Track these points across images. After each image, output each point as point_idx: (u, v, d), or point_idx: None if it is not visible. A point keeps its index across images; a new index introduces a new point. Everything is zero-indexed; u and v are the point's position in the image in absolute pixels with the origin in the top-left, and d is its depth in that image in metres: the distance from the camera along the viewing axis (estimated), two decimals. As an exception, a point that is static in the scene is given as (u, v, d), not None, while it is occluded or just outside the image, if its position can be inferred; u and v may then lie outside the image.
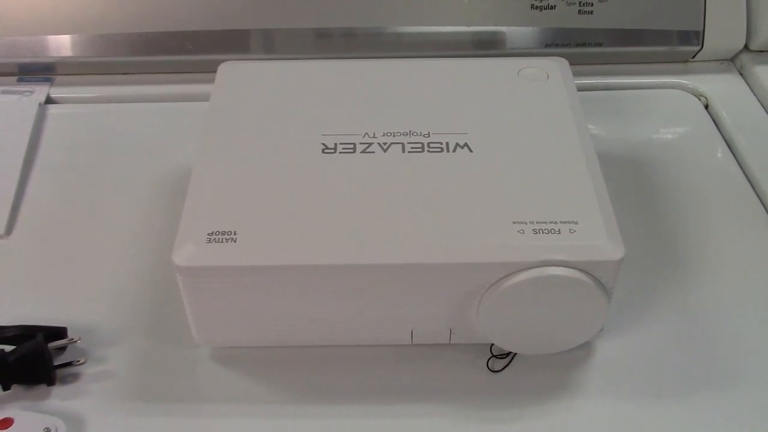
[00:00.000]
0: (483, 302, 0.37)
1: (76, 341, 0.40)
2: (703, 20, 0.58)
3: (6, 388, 0.39)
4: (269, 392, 0.40)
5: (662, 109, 0.57)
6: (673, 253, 0.46)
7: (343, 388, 0.40)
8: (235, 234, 0.36)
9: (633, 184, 0.51)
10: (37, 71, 0.58)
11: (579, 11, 0.56)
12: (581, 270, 0.36)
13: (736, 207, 0.49)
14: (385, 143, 0.41)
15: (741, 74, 0.60)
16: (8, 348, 0.39)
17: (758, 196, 0.50)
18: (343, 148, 0.41)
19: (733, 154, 0.53)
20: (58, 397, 0.39)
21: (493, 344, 0.40)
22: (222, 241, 0.36)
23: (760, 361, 0.41)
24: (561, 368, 0.40)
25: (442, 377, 0.40)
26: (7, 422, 0.37)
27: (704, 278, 0.45)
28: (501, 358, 0.41)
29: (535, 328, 0.38)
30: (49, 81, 0.58)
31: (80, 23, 0.56)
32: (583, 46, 0.57)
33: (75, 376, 0.40)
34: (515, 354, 0.41)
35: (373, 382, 0.40)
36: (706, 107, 0.57)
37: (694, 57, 0.59)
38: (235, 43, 0.57)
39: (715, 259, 0.46)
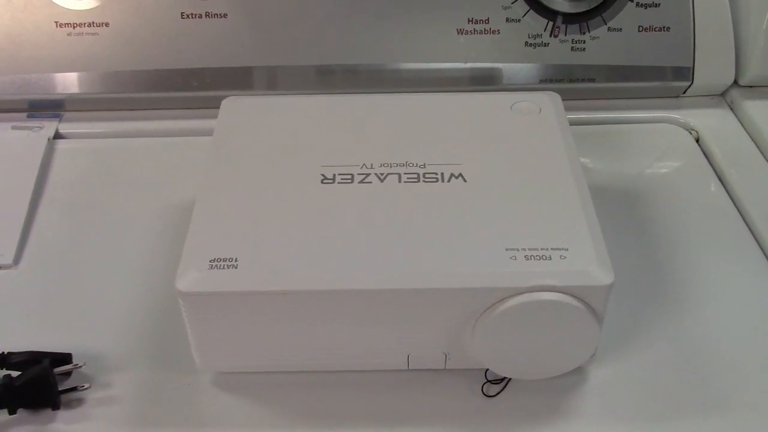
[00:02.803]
0: (477, 327, 0.38)
1: (81, 367, 0.41)
2: (693, 57, 0.59)
3: (12, 412, 0.39)
4: (270, 417, 0.40)
5: (654, 143, 0.58)
6: (664, 282, 0.47)
7: (342, 413, 0.40)
8: (236, 261, 0.38)
9: (625, 216, 0.52)
10: (47, 107, 0.60)
11: (572, 48, 0.58)
12: (572, 295, 0.37)
13: (726, 238, 0.50)
14: (382, 174, 0.42)
15: (731, 109, 0.61)
16: (15, 374, 0.40)
17: (748, 226, 0.51)
18: (342, 179, 0.42)
19: (724, 187, 0.54)
20: (62, 422, 0.40)
21: (487, 369, 0.41)
22: (223, 268, 0.37)
23: (751, 387, 0.41)
24: (555, 393, 0.41)
25: (438, 402, 0.41)
26: (13, 445, 0.38)
27: (696, 306, 0.46)
28: (496, 383, 0.41)
29: (528, 353, 0.39)
30: (57, 117, 0.59)
31: (88, 61, 0.57)
32: (577, 81, 0.59)
33: (79, 401, 0.41)
34: (510, 379, 0.41)
35: (371, 406, 0.41)
36: (697, 141, 0.59)
37: (684, 92, 0.61)
38: (238, 79, 0.58)
39: (707, 287, 0.47)
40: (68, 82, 0.58)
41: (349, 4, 0.57)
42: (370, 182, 0.42)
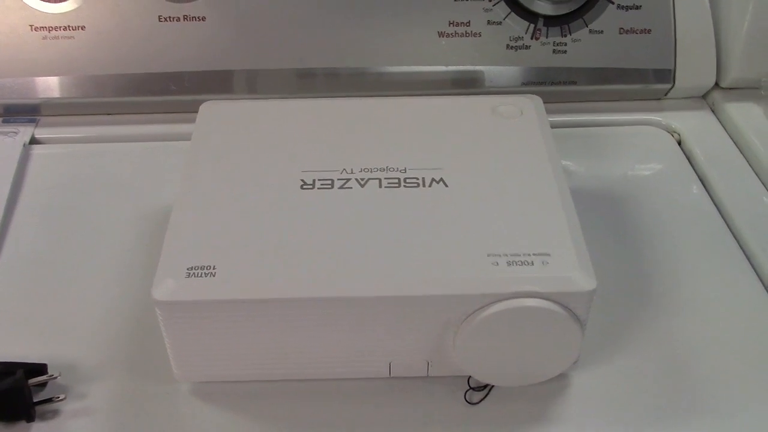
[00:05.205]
0: (459, 334, 0.38)
1: (56, 377, 0.41)
2: (674, 59, 0.59)
3: (-15, 424, 0.39)
4: (249, 427, 0.40)
5: (636, 146, 0.58)
6: (647, 287, 0.47)
7: (323, 422, 0.40)
8: (214, 268, 0.37)
9: (607, 218, 0.51)
10: (22, 112, 0.59)
11: (553, 51, 0.58)
12: (554, 301, 0.37)
13: (708, 240, 0.50)
14: (362, 179, 0.42)
15: (713, 111, 0.61)
16: (-12, 385, 0.39)
17: (730, 229, 0.51)
18: (322, 184, 0.42)
19: (706, 189, 0.54)
20: (37, 434, 0.39)
21: (470, 377, 0.41)
22: (201, 276, 0.37)
23: (734, 392, 0.41)
24: (538, 400, 0.41)
25: (420, 410, 0.40)
26: (-14, 459, 0.37)
27: (678, 312, 0.45)
28: (478, 390, 0.41)
29: (511, 359, 0.39)
30: (33, 122, 0.58)
31: (64, 65, 0.56)
32: (558, 84, 0.59)
33: (55, 413, 0.40)
34: (492, 386, 0.41)
35: (352, 415, 0.40)
36: (679, 143, 0.59)
37: (666, 95, 0.61)
38: (218, 83, 0.58)
39: (689, 291, 0.47)
40: (44, 86, 0.57)
41: (330, 6, 0.57)
42: (351, 188, 0.41)
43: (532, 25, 0.58)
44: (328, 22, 0.57)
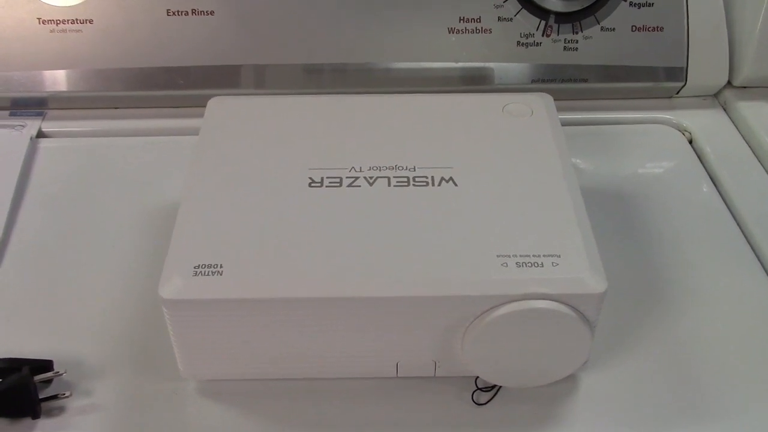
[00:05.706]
0: (467, 335, 0.38)
1: (62, 374, 0.40)
2: (686, 57, 0.59)
3: (-9, 421, 0.39)
4: (256, 426, 0.39)
5: (647, 144, 0.58)
6: (657, 287, 0.46)
7: (330, 421, 0.40)
8: (221, 267, 0.37)
9: (618, 218, 0.51)
10: (30, 105, 0.58)
11: (564, 48, 0.57)
12: (564, 303, 0.36)
13: (719, 239, 0.50)
14: (371, 177, 0.42)
15: (724, 110, 0.61)
16: (-6, 381, 0.39)
17: (740, 228, 0.50)
18: (330, 182, 0.41)
19: (717, 188, 0.54)
20: (43, 431, 0.39)
21: (478, 377, 0.41)
22: (208, 274, 0.36)
23: (744, 395, 0.41)
24: (546, 401, 0.40)
25: (427, 410, 0.40)
26: (-9, 456, 0.37)
27: (688, 312, 0.45)
28: (486, 391, 0.41)
29: (519, 360, 0.39)
30: (41, 115, 0.58)
31: (72, 59, 0.56)
32: (569, 82, 0.58)
33: (60, 410, 0.40)
34: (500, 387, 0.41)
35: (359, 415, 0.40)
36: (690, 142, 0.58)
37: (678, 93, 0.60)
38: (225, 78, 0.57)
39: (699, 292, 0.46)
40: (52, 79, 0.57)
41: (338, 1, 0.57)
42: (359, 186, 0.41)
43: (544, 22, 0.57)
44: (337, 17, 0.57)
